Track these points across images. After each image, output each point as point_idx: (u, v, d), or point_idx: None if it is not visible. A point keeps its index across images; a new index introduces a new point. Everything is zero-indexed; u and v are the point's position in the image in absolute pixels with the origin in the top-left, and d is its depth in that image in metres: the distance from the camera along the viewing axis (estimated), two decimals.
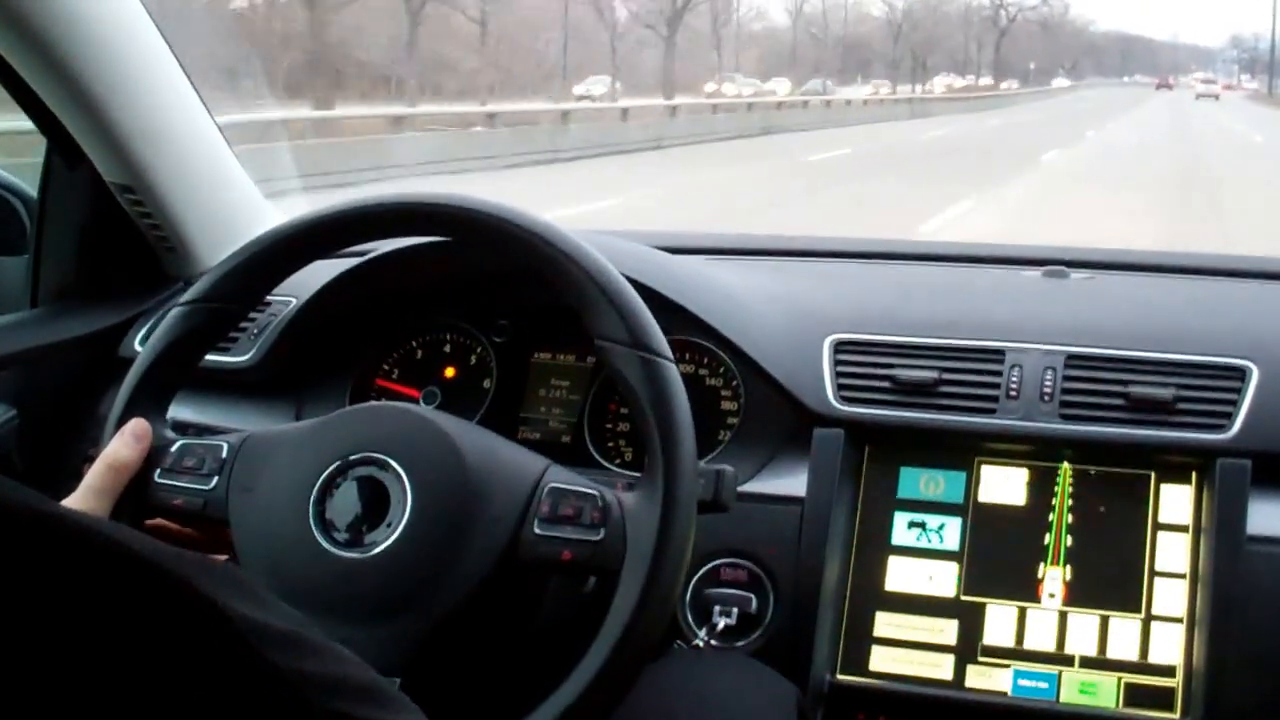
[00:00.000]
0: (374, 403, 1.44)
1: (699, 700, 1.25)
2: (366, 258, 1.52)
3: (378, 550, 1.04)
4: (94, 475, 1.10)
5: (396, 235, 1.44)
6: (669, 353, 1.06)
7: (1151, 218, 12.49)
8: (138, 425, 1.13)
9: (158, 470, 1.14)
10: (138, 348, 1.64)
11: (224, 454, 1.15)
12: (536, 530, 1.06)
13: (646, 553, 1.01)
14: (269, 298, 1.41)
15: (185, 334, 1.15)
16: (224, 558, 1.19)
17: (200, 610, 0.57)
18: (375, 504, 1.07)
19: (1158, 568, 1.32)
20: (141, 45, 1.57)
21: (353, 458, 1.09)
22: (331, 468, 1.09)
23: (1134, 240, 9.94)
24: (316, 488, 1.08)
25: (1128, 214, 12.43)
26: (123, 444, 1.11)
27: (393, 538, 1.04)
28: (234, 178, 1.76)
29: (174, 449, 1.15)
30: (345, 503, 1.07)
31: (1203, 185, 16.68)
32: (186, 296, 1.16)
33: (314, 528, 1.07)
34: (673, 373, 1.05)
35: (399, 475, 1.07)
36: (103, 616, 0.54)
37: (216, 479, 1.14)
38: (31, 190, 1.74)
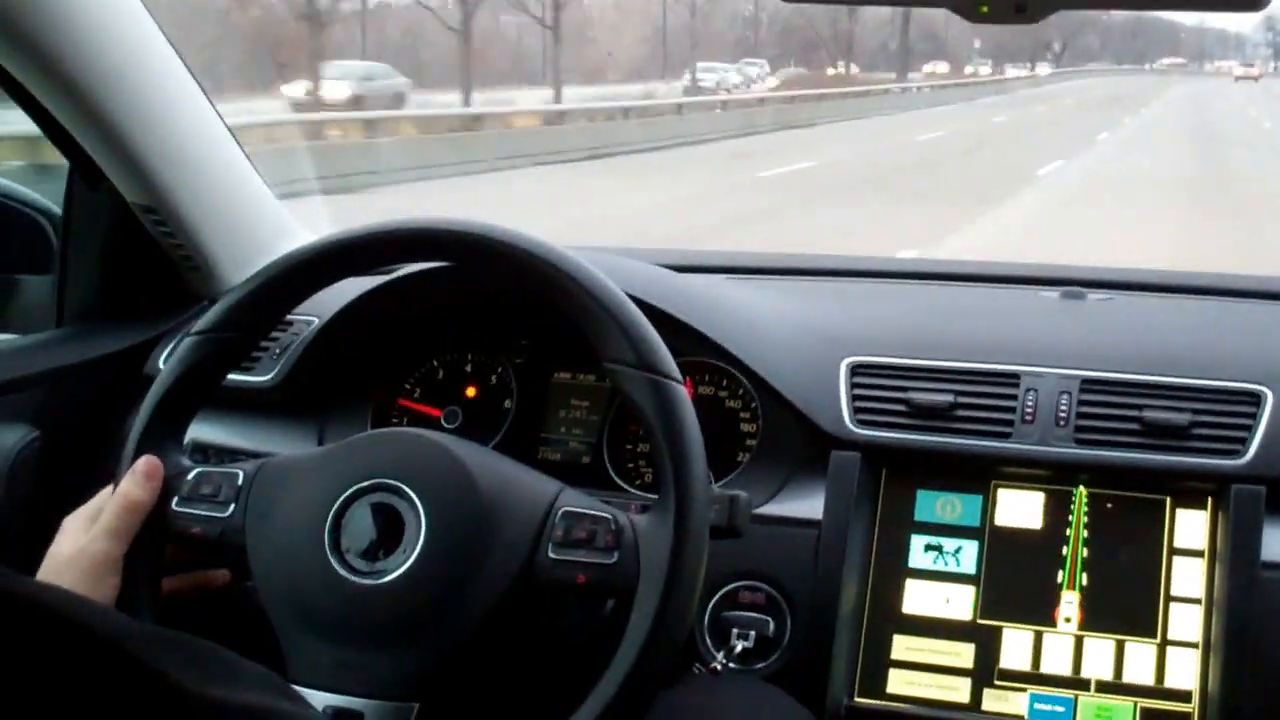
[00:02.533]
0: (387, 429, 1.45)
1: None
2: (388, 278, 1.54)
3: (392, 576, 1.06)
4: (110, 517, 1.11)
5: (403, 261, 1.45)
6: (678, 374, 1.06)
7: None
8: (148, 465, 1.14)
9: (175, 498, 1.16)
10: (162, 367, 1.65)
11: (240, 481, 1.16)
12: (551, 554, 1.07)
13: (660, 575, 1.02)
14: (290, 317, 1.43)
15: (197, 363, 1.16)
16: (236, 582, 1.21)
17: (156, 690, 0.58)
18: (389, 530, 1.08)
19: (1173, 593, 1.32)
20: (158, 66, 1.58)
21: (366, 484, 1.10)
22: (345, 494, 1.10)
23: None
24: (331, 514, 1.09)
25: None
26: (134, 484, 1.13)
27: (407, 564, 1.06)
28: (257, 195, 1.77)
29: (190, 476, 1.16)
30: (360, 529, 1.09)
31: None
32: (198, 326, 1.17)
33: (329, 554, 1.08)
34: (681, 394, 1.06)
35: (413, 501, 1.08)
36: (61, 696, 0.55)
37: (233, 506, 1.15)
38: (58, 209, 1.76)
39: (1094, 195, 14.82)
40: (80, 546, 1.10)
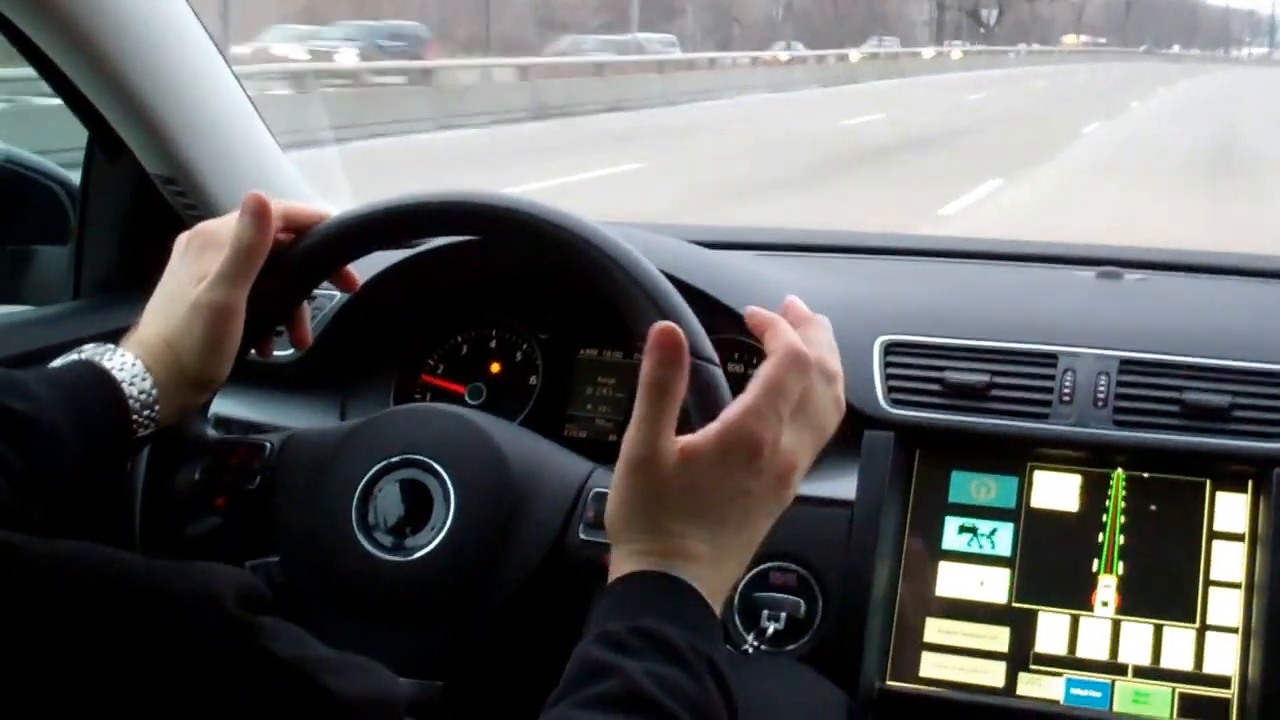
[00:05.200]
0: (417, 404, 1.44)
1: (745, 705, 1.23)
2: (413, 252, 1.51)
3: (420, 554, 1.04)
4: (227, 264, 1.04)
5: (431, 235, 1.42)
6: (713, 354, 1.04)
7: None
8: (257, 202, 1.05)
9: (200, 468, 1.14)
10: None
11: (267, 453, 1.14)
12: (581, 535, 1.05)
13: None
14: (314, 291, 1.41)
15: None
16: (275, 559, 1.19)
17: (286, 681, 0.58)
18: (418, 507, 1.06)
19: (1213, 577, 1.30)
20: (180, 34, 1.55)
21: (395, 460, 1.08)
22: (374, 470, 1.08)
23: None
24: (359, 490, 1.08)
25: None
26: (246, 227, 1.04)
27: (435, 541, 1.04)
28: (277, 166, 1.74)
29: (215, 446, 1.14)
30: (388, 505, 1.07)
31: None
32: None
33: (356, 530, 1.06)
34: (718, 376, 1.03)
35: (442, 478, 1.06)
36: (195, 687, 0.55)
37: (259, 478, 1.13)
38: (75, 178, 1.74)
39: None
40: (195, 299, 1.03)
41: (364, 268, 1.48)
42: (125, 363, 1.00)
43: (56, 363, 1.01)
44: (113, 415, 0.98)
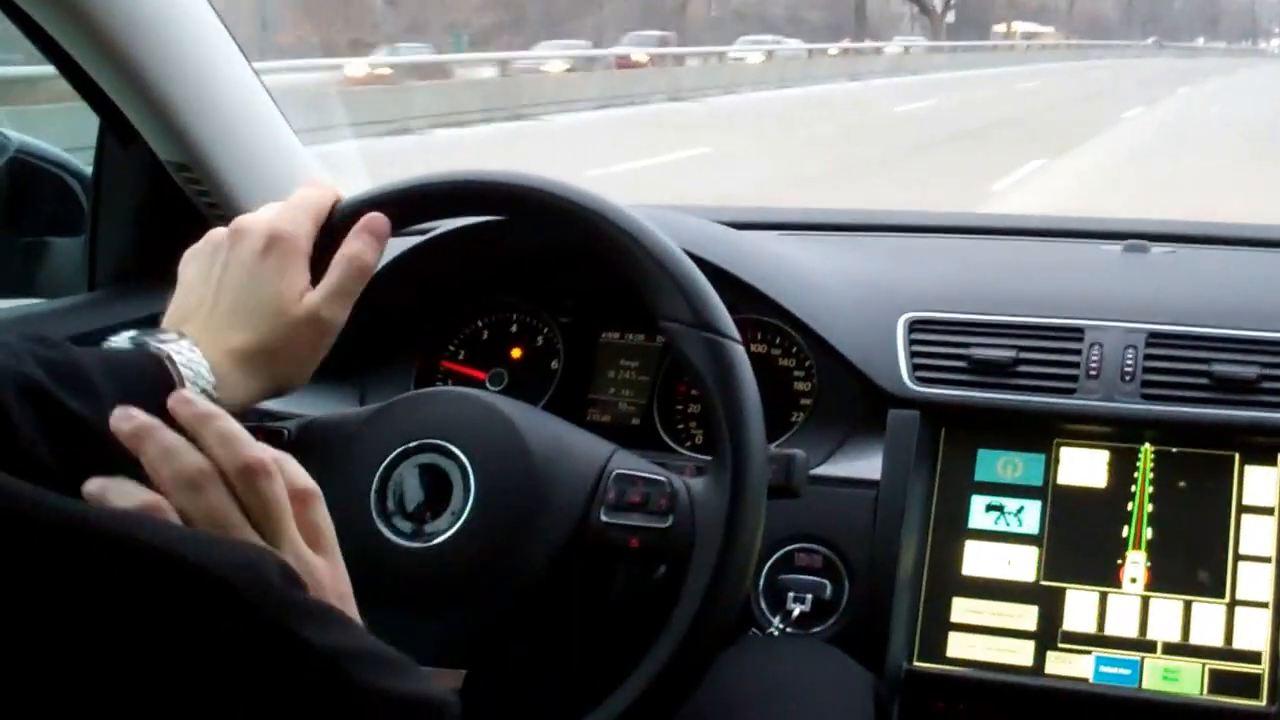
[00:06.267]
0: (436, 388, 1.42)
1: (772, 686, 1.23)
2: (429, 236, 1.50)
3: (440, 539, 1.03)
4: (348, 280, 1.04)
5: (450, 215, 1.41)
6: (735, 333, 1.03)
7: None
8: (376, 222, 1.05)
9: None
10: None
11: (284, 439, 1.13)
12: (603, 518, 1.04)
13: (716, 540, 0.99)
14: None
15: None
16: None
17: (331, 681, 0.57)
18: (437, 492, 1.05)
19: (1242, 551, 1.29)
20: (193, 19, 1.54)
21: (414, 444, 1.07)
22: (393, 454, 1.07)
23: None
24: (378, 475, 1.07)
25: None
26: (365, 246, 1.04)
27: (455, 527, 1.03)
28: (291, 152, 1.73)
29: None
30: (407, 490, 1.06)
31: None
32: None
33: (375, 516, 1.05)
34: (739, 354, 1.03)
35: (462, 462, 1.05)
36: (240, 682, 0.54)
37: None
38: (88, 169, 1.72)
39: None
40: (309, 313, 1.03)
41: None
42: (193, 359, 0.98)
43: (117, 341, 0.99)
44: (168, 421, 0.97)
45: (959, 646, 1.32)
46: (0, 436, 0.82)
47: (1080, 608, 1.31)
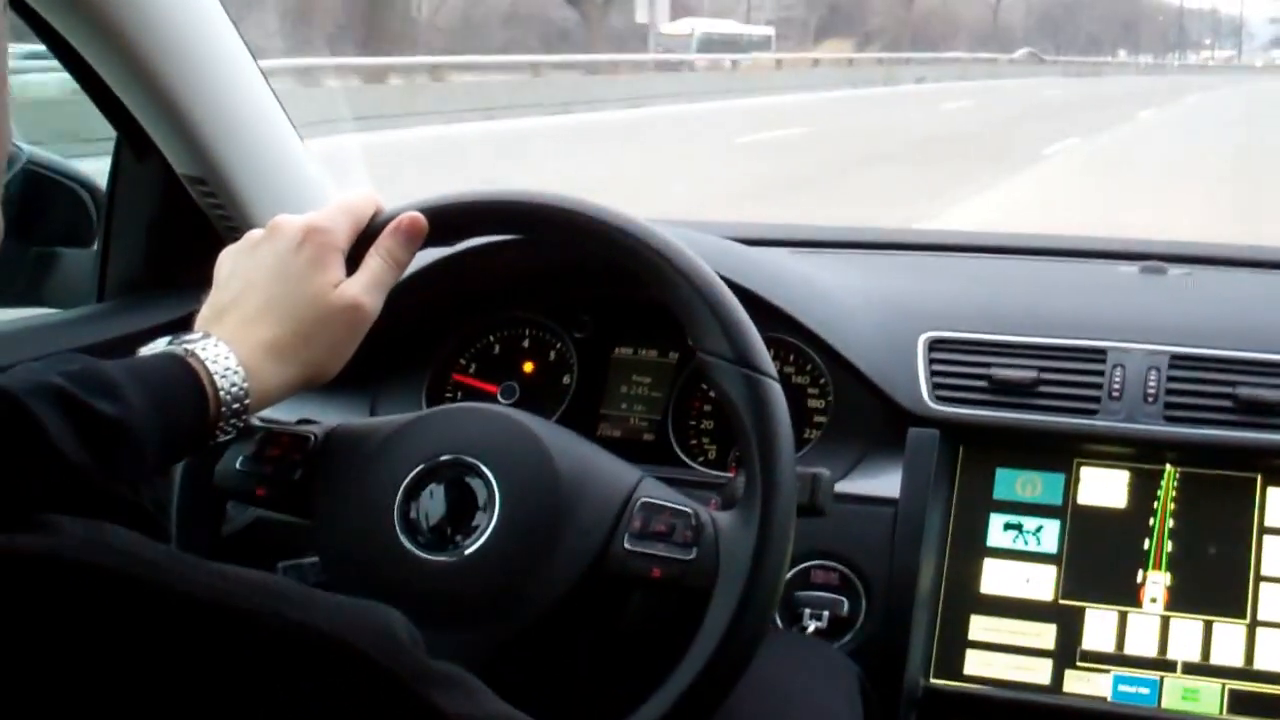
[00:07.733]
0: (465, 404, 1.41)
1: (758, 677, 1.21)
2: (449, 251, 1.50)
3: (463, 556, 1.02)
4: (384, 272, 1.06)
5: (480, 234, 1.40)
6: (774, 371, 1.03)
7: None
8: (415, 222, 1.07)
9: (240, 457, 1.12)
10: None
11: (309, 445, 1.12)
12: (626, 545, 1.03)
13: (740, 577, 0.98)
14: None
15: None
16: (311, 560, 1.18)
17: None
18: (462, 508, 1.04)
19: (1264, 572, 1.29)
20: (213, 35, 1.54)
21: (442, 460, 1.06)
22: (419, 468, 1.06)
23: None
24: (403, 488, 1.06)
25: None
26: (400, 244, 1.06)
27: (478, 543, 1.02)
28: (305, 168, 1.73)
29: (258, 435, 1.12)
30: (432, 505, 1.05)
31: None
32: None
33: (398, 528, 1.04)
34: (777, 393, 1.02)
35: (488, 480, 1.04)
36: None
37: (300, 470, 1.11)
38: (100, 182, 1.72)
39: None
40: (345, 301, 1.04)
41: None
42: (219, 355, 0.98)
43: (147, 351, 0.99)
44: (197, 424, 0.97)
45: (976, 664, 1.32)
46: (30, 441, 0.82)
47: (1099, 627, 1.30)
